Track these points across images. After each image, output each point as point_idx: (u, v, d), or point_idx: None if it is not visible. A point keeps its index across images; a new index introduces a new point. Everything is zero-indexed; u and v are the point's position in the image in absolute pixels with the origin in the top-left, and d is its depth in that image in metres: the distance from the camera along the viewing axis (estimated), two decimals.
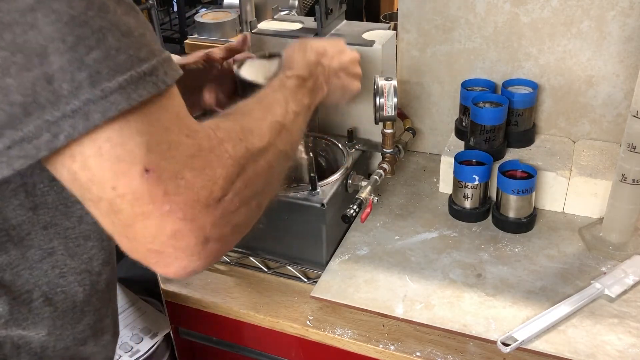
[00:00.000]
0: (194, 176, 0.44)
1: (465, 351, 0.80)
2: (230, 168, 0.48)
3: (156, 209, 0.42)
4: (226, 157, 0.48)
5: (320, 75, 0.77)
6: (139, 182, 0.41)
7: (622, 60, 1.00)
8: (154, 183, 0.41)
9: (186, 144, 0.44)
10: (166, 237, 0.43)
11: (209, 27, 2.07)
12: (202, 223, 0.44)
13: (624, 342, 0.78)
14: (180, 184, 0.43)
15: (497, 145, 1.04)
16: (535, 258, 0.93)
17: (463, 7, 1.06)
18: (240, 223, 0.50)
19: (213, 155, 0.47)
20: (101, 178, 0.41)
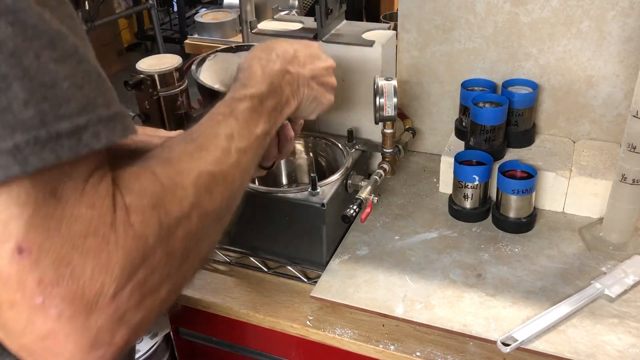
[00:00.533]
0: (82, 263, 0.35)
1: (465, 351, 0.80)
2: (133, 252, 0.38)
3: (25, 299, 0.33)
4: (130, 236, 0.38)
5: (287, 86, 0.65)
6: (7, 263, 0.33)
7: (622, 60, 1.01)
8: (27, 267, 0.33)
9: (84, 217, 0.36)
10: (35, 337, 0.34)
11: (209, 27, 2.07)
12: (86, 325, 0.35)
13: (624, 342, 0.78)
14: (63, 272, 0.34)
15: (497, 145, 1.04)
16: (535, 258, 0.93)
17: (463, 7, 1.06)
18: (143, 319, 0.40)
19: (113, 234, 0.37)
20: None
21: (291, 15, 1.43)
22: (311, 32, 1.08)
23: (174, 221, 0.42)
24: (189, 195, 0.44)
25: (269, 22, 1.17)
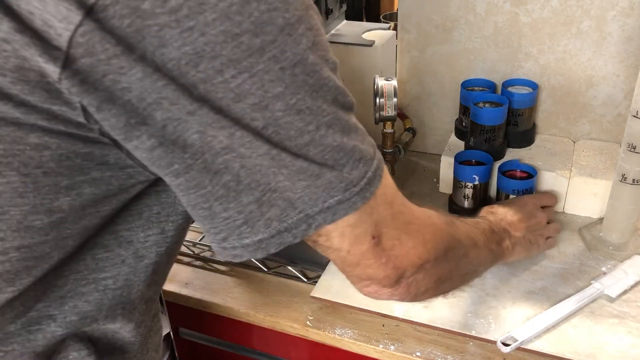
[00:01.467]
0: (407, 239, 0.54)
1: (465, 351, 0.80)
2: (438, 240, 0.58)
3: (376, 261, 0.53)
4: (436, 230, 0.58)
5: (507, 242, 0.79)
6: (367, 247, 0.52)
7: (622, 60, 1.00)
8: (377, 244, 0.52)
9: (404, 212, 0.55)
10: (379, 279, 0.55)
11: None
12: (405, 274, 0.56)
13: (624, 342, 0.78)
14: (396, 243, 0.54)
15: (497, 145, 1.04)
16: (535, 258, 0.93)
17: (463, 7, 1.06)
18: (427, 289, 0.60)
19: (424, 224, 0.57)
20: (340, 247, 0.52)
21: None
22: None
23: (458, 242, 0.63)
24: (462, 237, 0.64)
25: None
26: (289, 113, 0.44)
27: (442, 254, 0.58)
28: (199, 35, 0.39)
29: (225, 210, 0.46)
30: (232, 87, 0.41)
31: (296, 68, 0.43)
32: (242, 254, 0.49)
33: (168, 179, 0.46)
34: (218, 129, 0.42)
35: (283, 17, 0.42)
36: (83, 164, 0.46)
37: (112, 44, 0.38)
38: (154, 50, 0.39)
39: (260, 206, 0.46)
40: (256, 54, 0.41)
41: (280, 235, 0.48)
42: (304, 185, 0.46)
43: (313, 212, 0.47)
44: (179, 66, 0.40)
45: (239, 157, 0.44)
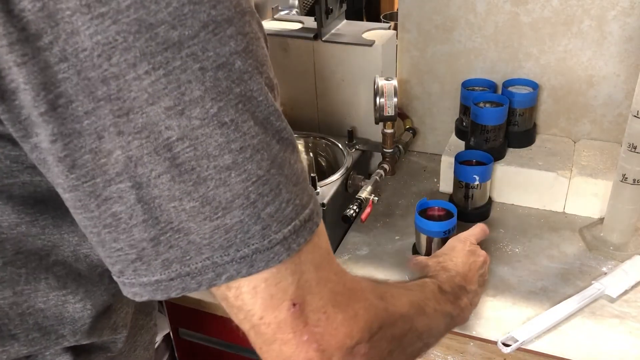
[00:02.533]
0: (335, 312, 0.45)
1: (466, 351, 0.80)
2: (372, 316, 0.47)
3: (295, 337, 0.44)
4: (368, 304, 0.48)
5: (464, 298, 0.71)
6: (285, 316, 0.43)
7: (622, 60, 1.00)
8: (298, 315, 0.44)
9: (333, 280, 0.46)
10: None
11: None
12: (334, 357, 0.45)
13: (624, 342, 0.77)
14: (322, 317, 0.44)
15: (497, 145, 1.04)
16: (535, 258, 0.93)
17: (463, 7, 1.06)
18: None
19: (356, 298, 0.47)
20: (251, 308, 0.43)
21: (291, 15, 1.43)
22: (311, 32, 1.08)
23: (397, 315, 0.52)
24: (405, 307, 0.54)
25: (269, 21, 1.17)
26: (208, 123, 0.38)
27: (378, 333, 0.48)
28: (111, 23, 0.35)
29: (115, 241, 0.40)
30: (145, 86, 0.36)
31: (219, 71, 0.38)
32: (142, 293, 0.42)
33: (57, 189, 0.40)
34: (119, 141, 0.37)
35: (208, 13, 0.38)
36: (12, 166, 0.43)
37: (17, 28, 0.34)
38: (67, 38, 0.35)
39: (156, 245, 0.40)
40: (173, 49, 0.36)
41: (183, 280, 0.41)
42: (213, 227, 0.40)
43: (223, 261, 0.41)
44: (91, 57, 0.35)
45: (136, 188, 0.38)
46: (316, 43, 1.07)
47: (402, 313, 0.52)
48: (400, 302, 0.54)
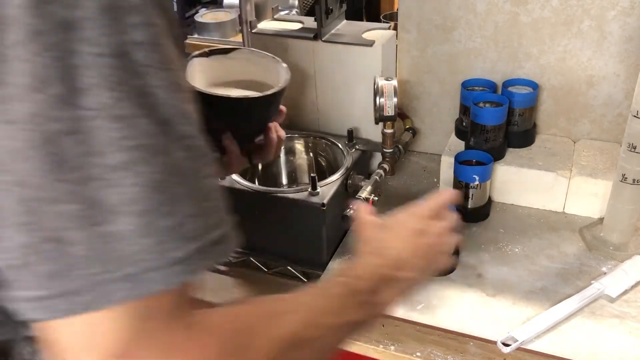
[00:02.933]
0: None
1: (466, 351, 0.80)
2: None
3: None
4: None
5: (389, 290, 0.60)
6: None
7: (622, 60, 1.00)
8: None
9: (169, 344, 0.38)
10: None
11: (208, 27, 2.07)
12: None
13: (624, 342, 0.77)
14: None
15: (497, 145, 1.04)
16: (535, 258, 0.93)
17: (463, 7, 1.06)
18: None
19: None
20: (65, 347, 0.37)
21: (291, 15, 1.43)
22: (311, 32, 1.08)
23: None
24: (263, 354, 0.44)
25: (269, 21, 1.17)
26: (100, 116, 0.34)
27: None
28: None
29: (1, 239, 0.36)
30: (31, 69, 0.33)
31: (118, 60, 0.34)
32: (26, 310, 0.37)
33: None
34: (7, 130, 0.34)
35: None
36: None
37: None
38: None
39: (38, 254, 0.35)
40: (65, 30, 0.33)
41: (67, 299, 0.36)
42: (98, 235, 0.35)
43: (110, 278, 0.35)
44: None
45: (18, 185, 0.34)
46: (316, 43, 1.07)
47: (296, 332, 0.46)
48: (270, 343, 0.44)
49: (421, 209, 0.66)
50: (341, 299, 0.54)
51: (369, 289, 0.57)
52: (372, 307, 0.58)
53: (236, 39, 2.01)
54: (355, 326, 0.56)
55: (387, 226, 0.65)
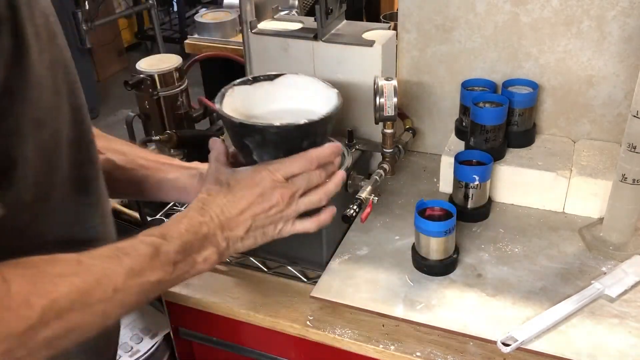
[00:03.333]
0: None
1: (466, 351, 0.80)
2: None
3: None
4: None
5: (209, 249, 0.63)
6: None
7: (622, 60, 1.00)
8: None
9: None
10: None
11: (208, 27, 2.07)
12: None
13: (624, 342, 0.78)
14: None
15: (497, 145, 1.04)
16: (535, 258, 0.93)
17: (463, 7, 1.06)
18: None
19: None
20: None
21: (291, 15, 1.43)
22: (311, 32, 1.08)
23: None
24: (33, 317, 0.48)
25: (269, 22, 1.17)
26: None
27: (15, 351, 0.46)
28: None
29: None
30: None
31: None
32: None
33: None
34: None
35: None
36: None
37: None
38: None
39: None
40: None
41: None
42: None
43: None
44: None
45: None
46: (316, 43, 1.07)
47: (43, 319, 0.48)
48: (46, 302, 0.48)
49: (275, 167, 0.66)
50: (142, 260, 0.56)
51: (178, 249, 0.59)
52: (186, 265, 0.61)
53: (236, 39, 2.01)
54: (160, 285, 0.58)
55: (229, 180, 0.66)
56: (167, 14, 4.43)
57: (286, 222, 0.68)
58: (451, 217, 0.88)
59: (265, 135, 0.65)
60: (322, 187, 0.69)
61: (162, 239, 0.59)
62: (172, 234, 0.60)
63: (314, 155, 0.67)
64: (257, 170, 0.66)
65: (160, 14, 4.21)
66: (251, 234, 0.66)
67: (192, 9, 4.31)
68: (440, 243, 0.88)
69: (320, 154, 0.67)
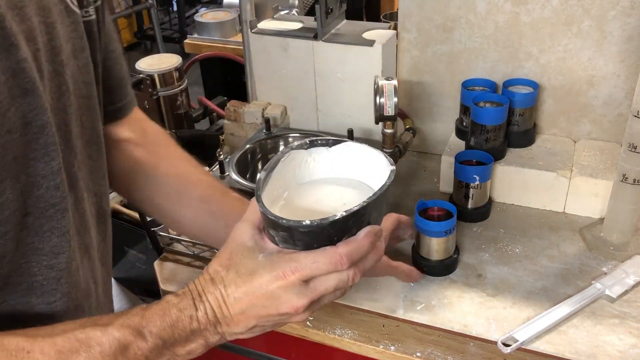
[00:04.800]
0: None
1: (466, 352, 0.80)
2: None
3: None
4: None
5: (197, 342, 0.55)
6: None
7: (622, 60, 1.00)
8: None
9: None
10: None
11: (208, 27, 2.07)
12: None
13: (624, 343, 0.77)
14: None
15: (497, 145, 1.04)
16: (535, 258, 0.93)
17: (463, 7, 1.06)
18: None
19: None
20: None
21: (291, 14, 1.43)
22: (311, 32, 1.08)
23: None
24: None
25: (269, 21, 1.17)
26: None
27: None
28: None
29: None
30: None
31: None
32: None
33: None
34: None
35: None
36: None
37: None
38: None
39: None
40: None
41: None
42: None
43: None
44: None
45: None
46: (316, 43, 1.07)
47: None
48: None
49: (296, 269, 0.54)
50: (102, 358, 0.50)
51: (154, 347, 0.52)
52: (162, 358, 0.53)
53: (236, 38, 2.01)
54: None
55: (239, 266, 0.56)
56: (167, 14, 4.44)
57: (281, 324, 0.59)
58: (451, 217, 0.88)
59: (293, 233, 0.55)
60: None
61: (137, 334, 0.52)
62: (152, 327, 0.53)
63: (345, 252, 0.54)
64: (274, 267, 0.54)
65: (160, 14, 4.21)
66: (253, 331, 0.57)
67: (192, 8, 4.31)
68: (440, 243, 0.88)
69: (352, 250, 0.55)
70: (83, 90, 0.57)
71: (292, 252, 0.55)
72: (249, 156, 1.08)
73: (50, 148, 0.51)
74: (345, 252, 0.54)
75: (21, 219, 0.51)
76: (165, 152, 0.76)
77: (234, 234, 0.58)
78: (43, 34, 0.51)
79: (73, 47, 0.55)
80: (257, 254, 0.56)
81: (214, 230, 0.74)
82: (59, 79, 0.53)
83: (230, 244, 0.58)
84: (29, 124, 0.49)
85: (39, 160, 0.51)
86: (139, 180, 0.74)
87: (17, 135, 0.48)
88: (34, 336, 0.48)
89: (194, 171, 0.76)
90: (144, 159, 0.74)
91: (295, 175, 0.63)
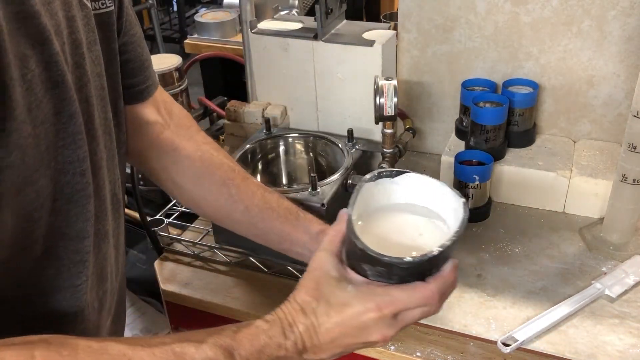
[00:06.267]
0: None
1: (466, 351, 0.80)
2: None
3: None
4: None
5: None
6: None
7: (622, 60, 1.00)
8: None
9: None
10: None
11: (208, 27, 2.07)
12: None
13: (624, 342, 0.77)
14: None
15: (497, 145, 1.04)
16: (535, 258, 0.93)
17: (463, 7, 1.06)
18: None
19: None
20: None
21: (291, 15, 1.43)
22: (311, 32, 1.08)
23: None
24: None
25: (269, 21, 1.17)
26: None
27: None
28: None
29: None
30: None
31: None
32: None
33: None
34: None
35: None
36: None
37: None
38: None
39: None
40: None
41: None
42: None
43: None
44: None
45: None
46: (316, 43, 1.07)
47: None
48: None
49: (388, 303, 0.55)
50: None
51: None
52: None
53: (236, 39, 2.01)
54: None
55: (329, 297, 0.56)
56: (167, 14, 4.43)
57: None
58: None
59: (392, 269, 0.54)
60: None
61: (228, 355, 0.53)
62: (242, 351, 0.54)
63: (436, 289, 0.55)
64: (366, 299, 0.55)
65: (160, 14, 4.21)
66: (335, 355, 0.58)
67: (192, 8, 4.31)
68: None
69: (442, 286, 0.56)
70: (97, 81, 0.59)
71: (383, 285, 0.56)
72: (249, 156, 1.08)
73: (78, 137, 0.54)
74: (437, 289, 0.55)
75: (51, 205, 0.53)
76: (189, 134, 0.78)
77: (316, 263, 0.59)
78: (66, 28, 0.53)
79: (87, 40, 0.57)
80: (344, 284, 0.57)
81: (231, 213, 0.76)
82: (80, 70, 0.55)
83: (314, 273, 0.58)
84: (59, 114, 0.52)
85: (67, 148, 0.53)
86: (161, 159, 0.76)
87: (49, 124, 0.51)
88: (134, 345, 0.50)
89: (216, 154, 0.78)
90: (169, 140, 0.76)
91: (367, 205, 0.63)
